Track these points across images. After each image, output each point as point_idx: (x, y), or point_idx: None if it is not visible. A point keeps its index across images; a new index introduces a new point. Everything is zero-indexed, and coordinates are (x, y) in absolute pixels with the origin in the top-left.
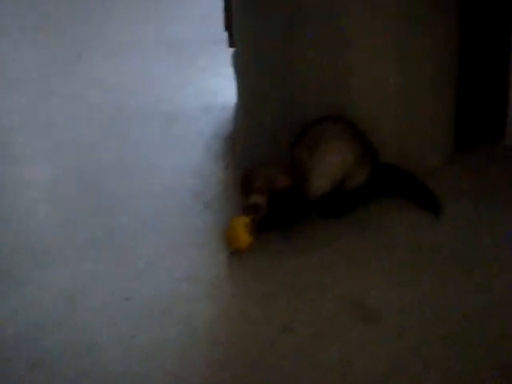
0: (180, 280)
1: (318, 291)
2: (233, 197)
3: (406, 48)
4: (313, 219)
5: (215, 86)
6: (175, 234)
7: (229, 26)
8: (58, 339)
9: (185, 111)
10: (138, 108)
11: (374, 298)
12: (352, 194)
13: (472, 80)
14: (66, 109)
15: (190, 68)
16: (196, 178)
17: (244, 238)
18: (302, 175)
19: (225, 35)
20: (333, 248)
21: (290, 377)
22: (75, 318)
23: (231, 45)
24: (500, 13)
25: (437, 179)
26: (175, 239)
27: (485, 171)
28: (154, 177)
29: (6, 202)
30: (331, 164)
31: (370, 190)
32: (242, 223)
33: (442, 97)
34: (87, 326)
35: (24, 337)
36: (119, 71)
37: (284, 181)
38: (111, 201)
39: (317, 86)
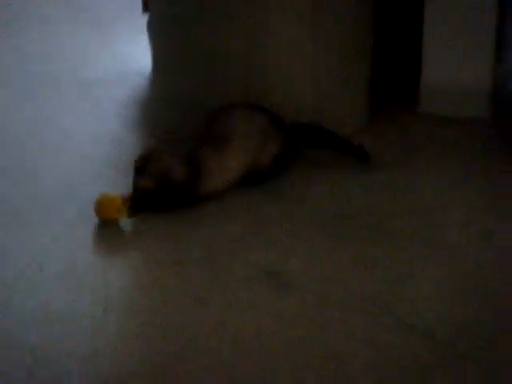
0: (94, 251)
1: (232, 260)
2: None
3: (321, 16)
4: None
5: (131, 52)
6: (89, 203)
7: None
8: None
9: (100, 78)
10: (53, 75)
11: (292, 266)
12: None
13: (386, 48)
14: None
15: (106, 35)
16: (111, 146)
17: (124, 208)
18: (197, 171)
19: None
20: (250, 217)
21: (206, 348)
22: None
23: (145, 9)
24: None
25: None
26: (90, 209)
27: (399, 139)
28: (70, 145)
29: None
30: (231, 168)
31: (285, 159)
32: (117, 197)
33: (356, 65)
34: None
35: None
36: (34, 39)
37: (180, 174)
38: (28, 170)
39: (232, 54)
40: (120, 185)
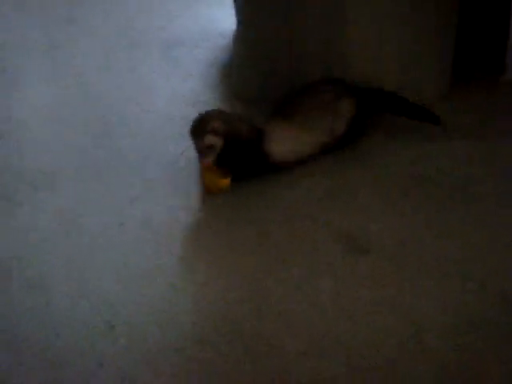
0: (174, 208)
1: (310, 223)
2: None
3: None
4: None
5: (214, 13)
6: (170, 161)
7: None
8: (53, 262)
9: (183, 38)
10: (138, 35)
11: (371, 229)
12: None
13: (473, 14)
14: (66, 33)
15: None
16: (192, 106)
17: (224, 182)
18: (261, 132)
19: None
20: (325, 181)
21: (283, 308)
22: (70, 241)
23: None
24: None
25: (435, 113)
26: (170, 167)
27: (483, 105)
28: (152, 103)
29: (7, 125)
30: (302, 139)
31: (360, 124)
32: (215, 169)
33: (442, 30)
34: (82, 250)
35: (20, 258)
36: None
37: (242, 126)
38: (111, 125)
39: (317, 17)
40: None
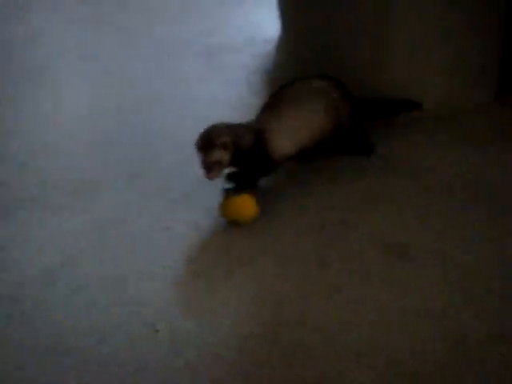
0: (215, 216)
1: (347, 229)
2: None
3: None
4: (339, 158)
5: (259, 19)
6: None
7: None
8: (94, 267)
9: (227, 44)
10: (181, 40)
11: (406, 236)
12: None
13: None
14: (110, 39)
15: (234, 0)
16: (236, 111)
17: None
18: (263, 135)
19: None
20: (357, 188)
21: (322, 316)
22: (111, 247)
23: None
24: None
25: (481, 118)
26: None
27: None
28: (195, 109)
29: (45, 134)
30: (293, 127)
31: (361, 125)
32: (249, 198)
33: (488, 35)
34: (123, 256)
35: (62, 263)
36: (165, 4)
37: (247, 141)
38: (151, 134)
39: (360, 24)
40: None
